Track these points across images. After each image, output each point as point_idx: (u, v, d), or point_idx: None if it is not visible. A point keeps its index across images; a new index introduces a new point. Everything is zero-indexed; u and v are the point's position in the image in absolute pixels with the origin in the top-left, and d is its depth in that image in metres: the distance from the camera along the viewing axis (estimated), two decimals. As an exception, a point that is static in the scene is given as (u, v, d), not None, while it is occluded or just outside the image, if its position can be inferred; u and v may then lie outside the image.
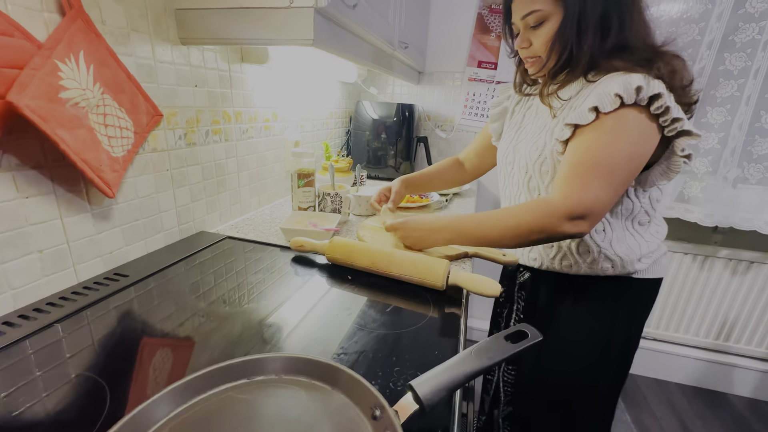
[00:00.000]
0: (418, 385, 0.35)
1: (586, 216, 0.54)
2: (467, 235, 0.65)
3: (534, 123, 0.70)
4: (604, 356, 0.73)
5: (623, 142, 0.54)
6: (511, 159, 0.73)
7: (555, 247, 0.70)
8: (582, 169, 0.55)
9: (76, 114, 0.51)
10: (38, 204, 0.51)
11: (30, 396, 0.38)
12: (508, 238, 0.60)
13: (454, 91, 1.66)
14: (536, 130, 0.68)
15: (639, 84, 0.52)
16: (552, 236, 0.57)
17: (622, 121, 0.54)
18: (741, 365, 1.60)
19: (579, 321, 0.73)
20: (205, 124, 0.81)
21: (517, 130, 0.74)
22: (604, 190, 0.54)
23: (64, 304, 0.53)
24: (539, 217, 0.56)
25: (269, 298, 0.59)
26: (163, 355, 0.45)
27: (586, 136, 0.56)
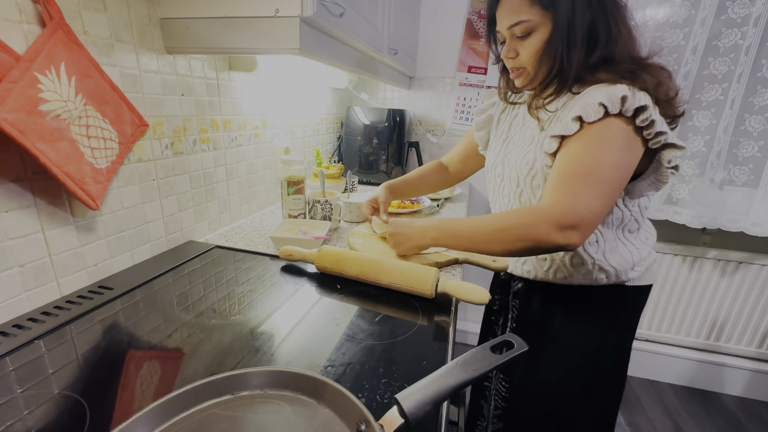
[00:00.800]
0: (404, 398, 0.34)
1: (577, 225, 0.51)
2: (454, 236, 0.63)
3: (522, 134, 0.70)
4: (597, 365, 0.73)
5: (610, 150, 0.53)
6: (500, 171, 0.72)
7: (548, 259, 0.69)
8: (571, 178, 0.53)
9: (57, 126, 0.50)
10: (18, 218, 0.51)
11: (9, 415, 0.37)
12: (495, 243, 0.57)
13: (445, 96, 1.67)
14: (525, 143, 0.68)
15: (624, 94, 0.51)
16: (541, 246, 0.53)
17: (608, 129, 0.53)
18: (731, 365, 1.62)
19: (572, 330, 0.72)
20: (193, 133, 0.80)
21: (504, 140, 0.74)
22: (595, 199, 0.52)
23: (46, 319, 0.52)
24: (528, 224, 0.53)
25: (258, 308, 0.58)
26: (150, 368, 0.45)
27: (572, 145, 0.55)
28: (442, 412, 0.39)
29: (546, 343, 0.73)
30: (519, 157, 0.67)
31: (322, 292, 0.64)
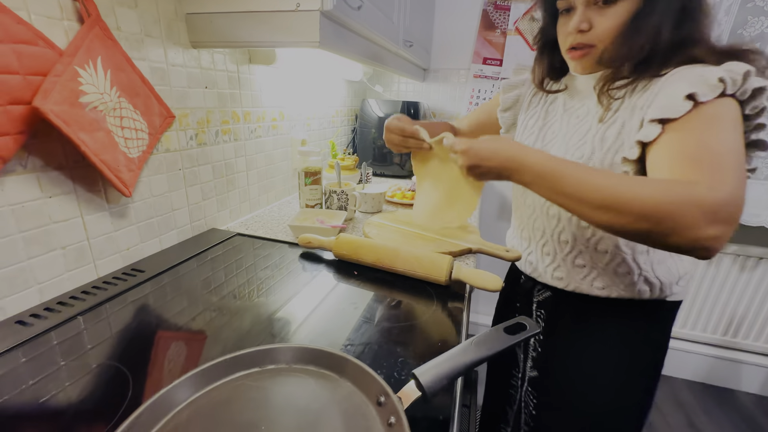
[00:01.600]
0: (421, 373, 0.37)
1: (731, 221, 0.37)
2: (556, 185, 0.44)
3: (566, 124, 0.60)
4: (629, 382, 0.64)
5: (733, 132, 0.41)
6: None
7: (587, 266, 0.59)
8: (709, 158, 0.40)
9: (95, 117, 0.53)
10: (61, 203, 0.54)
11: (57, 383, 0.41)
12: (606, 210, 0.40)
13: (459, 88, 1.67)
14: (572, 134, 0.58)
15: (747, 69, 0.41)
16: (674, 237, 0.38)
17: (725, 109, 0.42)
18: (749, 361, 1.60)
19: (606, 345, 0.63)
20: (215, 125, 0.83)
21: (540, 128, 0.64)
22: (742, 189, 0.38)
23: (86, 297, 0.56)
24: (674, 202, 0.37)
25: (278, 293, 0.61)
26: (178, 347, 0.48)
27: (684, 127, 0.42)
28: (457, 391, 0.41)
29: (576, 359, 0.65)
30: (564, 149, 0.58)
31: (339, 278, 0.67)
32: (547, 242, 0.63)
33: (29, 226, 0.51)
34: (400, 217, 0.94)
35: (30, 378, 0.41)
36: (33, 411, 0.37)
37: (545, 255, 0.64)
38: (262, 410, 0.37)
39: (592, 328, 0.64)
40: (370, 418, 0.36)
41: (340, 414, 0.36)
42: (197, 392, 0.38)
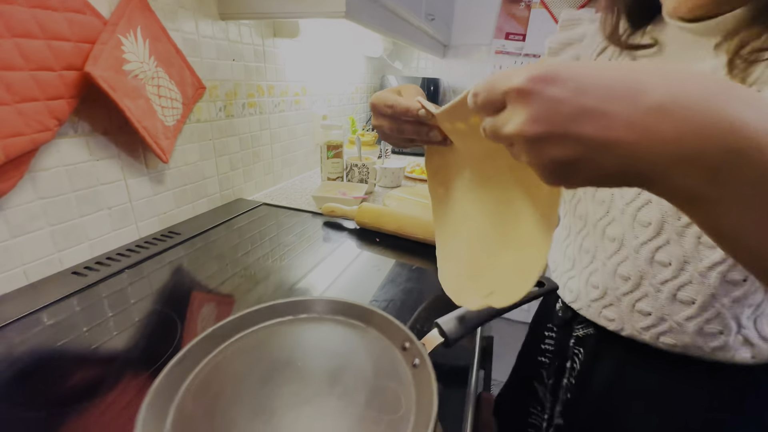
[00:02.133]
0: (444, 322, 0.39)
1: None
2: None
3: None
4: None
5: None
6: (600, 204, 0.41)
7: (655, 315, 0.39)
8: None
9: (136, 85, 0.56)
10: (107, 166, 0.58)
11: (113, 325, 0.45)
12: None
13: (480, 65, 1.64)
14: None
15: None
16: None
17: None
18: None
19: (666, 419, 0.42)
20: (242, 97, 0.86)
21: None
22: None
23: (131, 254, 0.61)
24: None
25: (304, 258, 0.65)
26: (209, 308, 0.52)
27: None
28: (476, 340, 0.44)
29: (619, 425, 0.45)
30: None
31: (362, 246, 0.70)
32: (597, 271, 0.43)
33: (80, 186, 0.55)
34: (419, 191, 0.96)
35: (88, 321, 0.46)
36: (92, 351, 0.42)
37: (592, 287, 0.44)
38: (297, 350, 0.40)
39: (649, 389, 0.43)
40: (396, 360, 0.39)
41: (368, 355, 0.40)
42: (239, 333, 0.42)
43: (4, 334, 0.42)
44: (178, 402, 0.34)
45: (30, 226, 0.50)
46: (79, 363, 0.39)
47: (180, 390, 0.35)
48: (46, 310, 0.47)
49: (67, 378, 0.37)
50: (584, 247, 0.45)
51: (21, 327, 0.44)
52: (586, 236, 0.45)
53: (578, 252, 0.46)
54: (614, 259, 0.41)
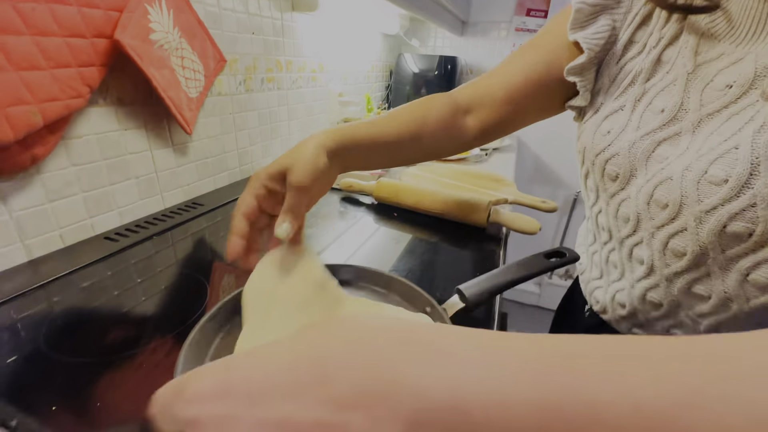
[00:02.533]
0: (465, 288, 0.40)
1: None
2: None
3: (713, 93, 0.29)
4: None
5: None
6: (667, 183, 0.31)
7: None
8: None
9: (161, 55, 0.57)
10: (134, 136, 0.60)
11: (149, 287, 0.47)
12: None
13: (499, 43, 1.60)
14: (732, 121, 0.28)
15: None
16: None
17: None
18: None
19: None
20: (261, 72, 0.86)
21: (676, 109, 0.31)
22: None
23: (157, 223, 0.63)
24: None
25: (323, 231, 0.66)
26: (233, 275, 0.53)
27: None
28: (496, 306, 0.45)
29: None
30: (699, 152, 0.29)
31: (379, 220, 0.71)
32: (624, 291, 0.39)
33: (110, 155, 0.57)
34: (436, 169, 0.96)
35: (122, 282, 0.48)
36: (128, 308, 0.44)
37: (619, 305, 0.40)
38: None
39: None
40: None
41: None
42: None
43: (46, 291, 0.45)
44: (211, 355, 0.36)
45: (65, 192, 0.52)
46: (117, 318, 0.42)
47: (213, 344, 0.37)
48: (82, 271, 0.49)
49: (107, 331, 0.39)
50: (611, 260, 0.41)
51: (61, 285, 0.46)
52: (612, 251, 0.40)
53: (605, 264, 0.42)
54: (643, 283, 0.36)
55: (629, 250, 0.37)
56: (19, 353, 0.35)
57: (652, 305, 0.36)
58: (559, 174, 1.71)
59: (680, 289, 0.33)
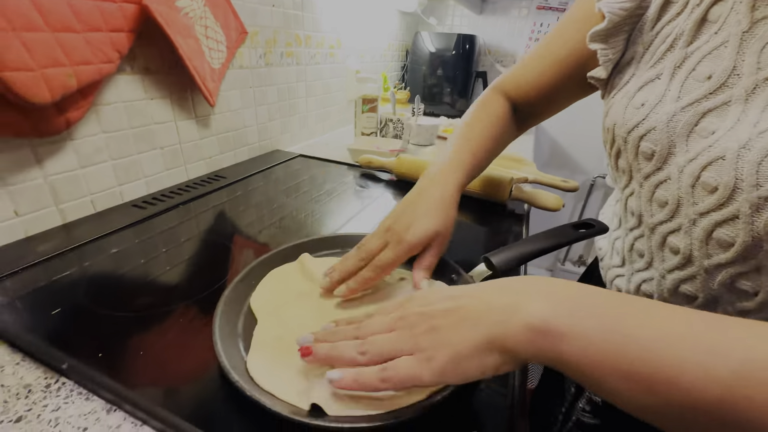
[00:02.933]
0: (492, 254, 0.40)
1: None
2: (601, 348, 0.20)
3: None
4: None
5: None
6: (669, 142, 0.31)
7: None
8: None
9: (186, 23, 0.57)
10: (160, 106, 0.60)
11: (180, 252, 0.49)
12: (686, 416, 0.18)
13: (519, 22, 1.55)
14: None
15: None
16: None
17: None
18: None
19: None
20: (280, 46, 0.85)
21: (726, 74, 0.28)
22: None
23: (182, 193, 0.64)
24: None
25: (343, 206, 0.66)
26: (257, 246, 0.54)
27: None
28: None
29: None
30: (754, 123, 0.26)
31: (399, 196, 0.71)
32: (653, 281, 0.36)
33: (137, 124, 0.58)
34: (453, 148, 0.95)
35: (155, 247, 0.49)
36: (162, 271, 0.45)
37: (644, 295, 0.37)
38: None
39: None
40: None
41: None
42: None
43: (79, 253, 0.46)
44: (245, 311, 0.37)
45: (95, 158, 0.53)
46: (149, 280, 0.43)
47: (246, 301, 0.38)
48: (113, 236, 0.50)
49: (142, 291, 0.41)
50: (636, 248, 0.37)
51: (94, 249, 0.48)
52: (639, 238, 0.37)
53: (628, 252, 0.39)
54: (677, 274, 0.33)
55: (662, 237, 0.33)
56: (62, 306, 0.37)
57: (686, 298, 0.33)
58: (576, 159, 1.68)
59: (721, 283, 0.30)
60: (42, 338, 0.33)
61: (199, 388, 0.29)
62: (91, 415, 0.28)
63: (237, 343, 0.32)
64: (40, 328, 0.34)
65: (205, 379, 0.30)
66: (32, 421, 0.27)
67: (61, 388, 0.29)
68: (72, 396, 0.29)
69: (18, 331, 0.33)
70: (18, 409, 0.28)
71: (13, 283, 0.40)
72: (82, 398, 0.29)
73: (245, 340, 0.33)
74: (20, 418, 0.27)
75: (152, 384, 0.29)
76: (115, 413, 0.28)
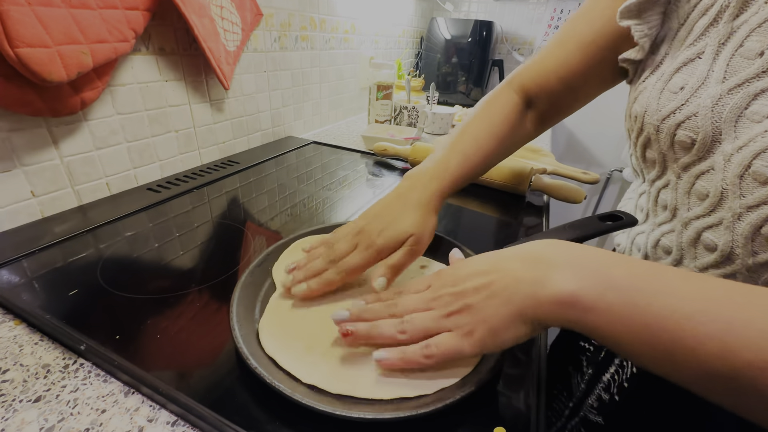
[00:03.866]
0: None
1: None
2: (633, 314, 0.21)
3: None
4: None
5: None
6: (702, 127, 0.28)
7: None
8: None
9: (202, 3, 0.56)
10: (174, 88, 0.60)
11: (190, 240, 0.48)
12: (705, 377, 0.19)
13: (539, 8, 1.50)
14: None
15: None
16: None
17: None
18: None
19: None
20: (295, 29, 0.83)
21: (732, 53, 0.27)
22: None
23: (196, 177, 0.63)
24: None
25: (357, 194, 0.65)
26: (261, 238, 0.53)
27: None
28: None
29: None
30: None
31: (414, 184, 0.69)
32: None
33: (152, 106, 0.57)
34: (469, 137, 0.93)
35: (171, 230, 0.49)
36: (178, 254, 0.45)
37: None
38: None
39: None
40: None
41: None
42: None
43: (95, 235, 0.46)
44: (261, 296, 0.36)
45: (110, 140, 0.53)
46: (165, 263, 0.42)
47: (263, 286, 0.37)
48: (128, 219, 0.50)
49: (158, 274, 0.40)
50: (663, 245, 0.34)
51: (110, 231, 0.47)
52: (669, 233, 0.34)
53: (653, 248, 0.36)
54: (713, 272, 0.30)
55: (696, 233, 0.31)
56: (80, 287, 0.37)
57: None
58: (592, 151, 1.64)
59: (766, 282, 0.27)
60: (60, 319, 0.32)
61: (216, 372, 0.29)
62: (109, 397, 0.27)
63: (254, 329, 0.32)
64: (58, 308, 0.34)
65: (222, 362, 0.30)
66: (51, 401, 0.27)
67: (79, 369, 0.29)
68: (90, 377, 0.29)
69: (36, 311, 0.33)
70: (37, 389, 0.27)
71: (30, 263, 0.40)
72: (100, 380, 0.29)
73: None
74: (39, 398, 0.27)
75: (169, 367, 0.29)
76: (133, 396, 0.27)
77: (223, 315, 0.34)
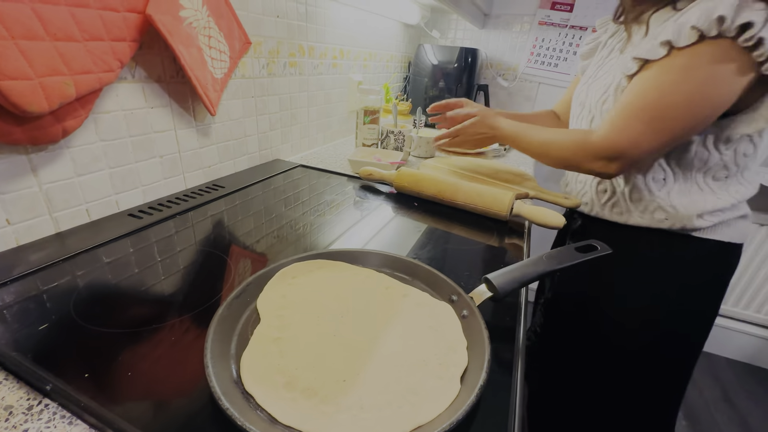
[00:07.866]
0: (493, 276, 0.39)
1: (617, 158, 0.53)
2: (513, 137, 0.68)
3: (617, 59, 0.63)
4: (656, 320, 0.66)
5: (686, 83, 0.48)
6: (582, 99, 0.68)
7: (608, 191, 0.66)
8: (629, 111, 0.52)
9: (190, 33, 0.57)
10: (160, 115, 0.60)
11: (174, 264, 0.48)
12: (543, 157, 0.64)
13: (521, 37, 1.57)
14: (614, 67, 0.61)
15: (722, 13, 0.43)
16: (579, 170, 0.59)
17: (696, 58, 0.47)
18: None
19: (629, 278, 0.66)
20: (284, 56, 0.85)
21: (599, 66, 0.66)
22: (645, 135, 0.51)
23: (180, 203, 0.63)
24: (572, 148, 0.58)
25: (342, 218, 0.65)
26: (253, 258, 0.53)
27: (648, 73, 0.52)
28: (522, 297, 0.44)
29: (601, 289, 0.70)
30: (600, 81, 0.63)
31: (399, 209, 0.70)
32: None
33: (136, 132, 0.57)
34: (454, 161, 0.94)
35: (148, 258, 0.48)
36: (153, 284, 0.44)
37: (579, 183, 0.75)
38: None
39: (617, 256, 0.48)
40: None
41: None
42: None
43: (72, 263, 0.45)
44: (239, 330, 0.36)
45: (92, 167, 0.52)
46: (142, 294, 0.42)
47: (240, 319, 0.37)
48: (107, 246, 0.49)
49: (134, 305, 0.40)
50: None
51: (87, 259, 0.47)
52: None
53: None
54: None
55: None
56: (50, 321, 0.36)
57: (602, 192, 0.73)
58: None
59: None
60: (27, 356, 0.31)
61: (188, 410, 0.28)
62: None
63: (229, 365, 0.31)
64: (26, 344, 0.33)
65: (195, 399, 0.29)
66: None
67: (43, 410, 0.28)
68: (55, 420, 0.28)
69: (2, 348, 0.32)
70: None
71: (1, 294, 0.39)
72: (65, 422, 0.28)
73: (237, 362, 0.32)
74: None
75: (140, 407, 0.28)
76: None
77: (198, 349, 0.33)
